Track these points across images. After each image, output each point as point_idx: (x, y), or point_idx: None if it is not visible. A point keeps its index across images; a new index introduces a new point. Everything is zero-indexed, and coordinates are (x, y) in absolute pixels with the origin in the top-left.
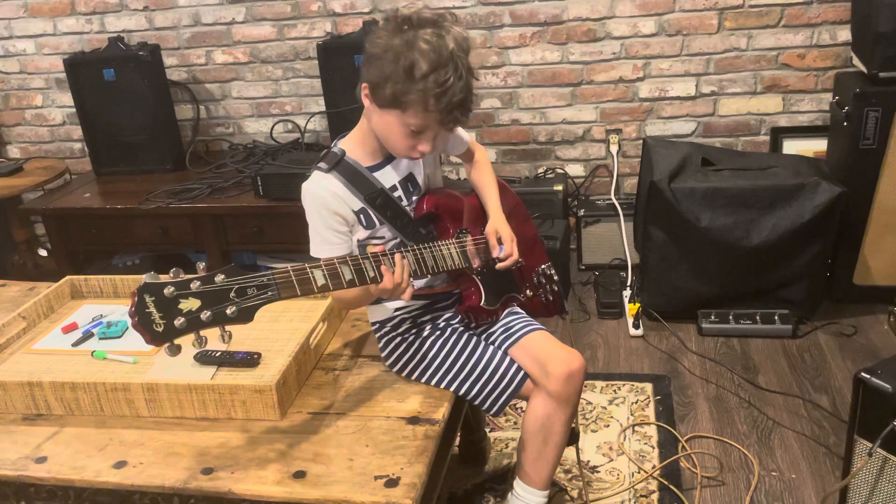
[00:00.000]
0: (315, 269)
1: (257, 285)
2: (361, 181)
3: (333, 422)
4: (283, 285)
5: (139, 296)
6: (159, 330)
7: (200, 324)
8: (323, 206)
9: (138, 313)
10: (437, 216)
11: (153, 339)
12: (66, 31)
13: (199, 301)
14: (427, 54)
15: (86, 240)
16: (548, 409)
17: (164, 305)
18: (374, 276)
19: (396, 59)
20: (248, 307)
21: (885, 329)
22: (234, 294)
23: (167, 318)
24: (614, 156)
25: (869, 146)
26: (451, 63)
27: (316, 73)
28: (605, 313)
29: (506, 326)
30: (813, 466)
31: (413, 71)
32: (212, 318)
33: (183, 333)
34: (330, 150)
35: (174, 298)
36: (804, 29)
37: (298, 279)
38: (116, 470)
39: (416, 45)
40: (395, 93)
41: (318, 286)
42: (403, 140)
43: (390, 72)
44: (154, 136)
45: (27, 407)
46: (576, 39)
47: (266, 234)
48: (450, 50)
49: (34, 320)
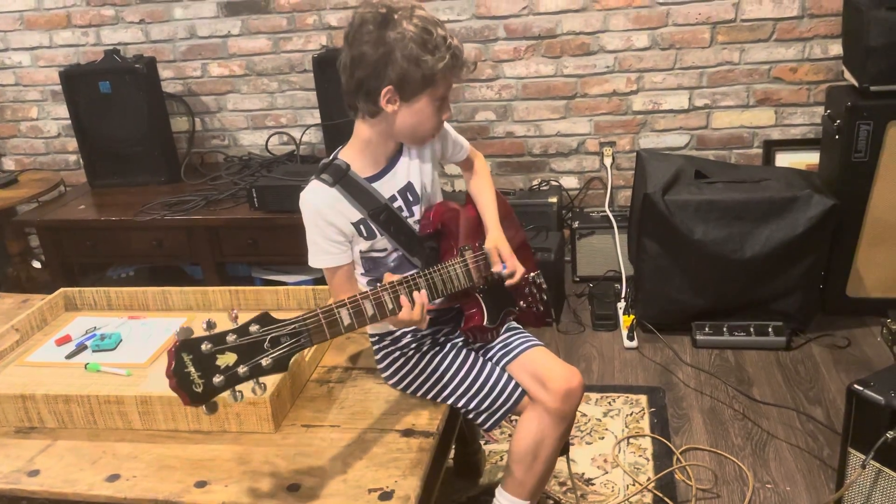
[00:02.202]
0: (340, 308)
1: (290, 333)
2: (364, 196)
3: (328, 434)
4: (314, 331)
5: (177, 357)
6: (199, 391)
7: (238, 379)
8: (320, 217)
9: (177, 374)
10: (441, 232)
11: (192, 401)
12: (62, 43)
13: (236, 355)
14: (423, 26)
15: (80, 252)
16: (542, 426)
17: (201, 363)
18: (394, 308)
19: (405, 48)
20: (282, 357)
21: (877, 341)
22: (267, 344)
23: (206, 376)
24: (608, 168)
25: (861, 159)
26: (436, 23)
27: (311, 86)
28: (599, 325)
29: (504, 343)
30: (807, 478)
31: (427, 45)
32: (248, 372)
33: (222, 391)
34: (333, 162)
35: (212, 355)
36: (796, 43)
37: (328, 322)
38: (109, 483)
39: (412, 25)
40: (425, 73)
41: (344, 326)
42: (434, 118)
43: (409, 58)
44: (149, 149)
45: (20, 420)
46: (570, 53)
47: (261, 247)
48: (426, 15)
49: (28, 332)
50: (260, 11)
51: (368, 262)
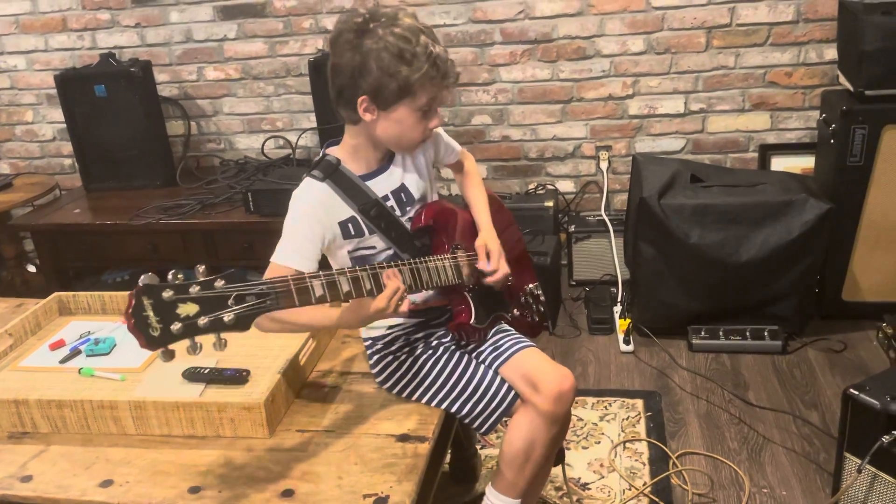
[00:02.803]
0: (314, 279)
1: (256, 293)
2: (356, 191)
3: (322, 439)
4: (281, 294)
5: (137, 298)
6: (155, 334)
7: (197, 330)
8: (308, 215)
9: (135, 316)
10: (434, 229)
11: (148, 343)
12: (57, 47)
13: (198, 306)
14: (402, 37)
15: (75, 256)
16: (534, 428)
17: (161, 309)
18: (371, 289)
19: (380, 58)
20: (246, 315)
21: (873, 345)
22: (232, 301)
23: (164, 322)
24: (604, 172)
25: (856, 163)
26: (420, 33)
27: (307, 90)
28: (595, 329)
29: (496, 344)
30: (804, 483)
31: (403, 55)
32: (209, 324)
33: (179, 339)
34: (324, 158)
35: (172, 302)
36: (791, 47)
37: (297, 288)
38: (103, 489)
39: (386, 37)
40: (400, 84)
41: (315, 297)
42: (417, 128)
43: (385, 69)
44: (145, 152)
45: (13, 425)
46: (566, 57)
47: (257, 250)
48: (409, 24)
49: (21, 337)
50: (256, 15)
51: (357, 262)
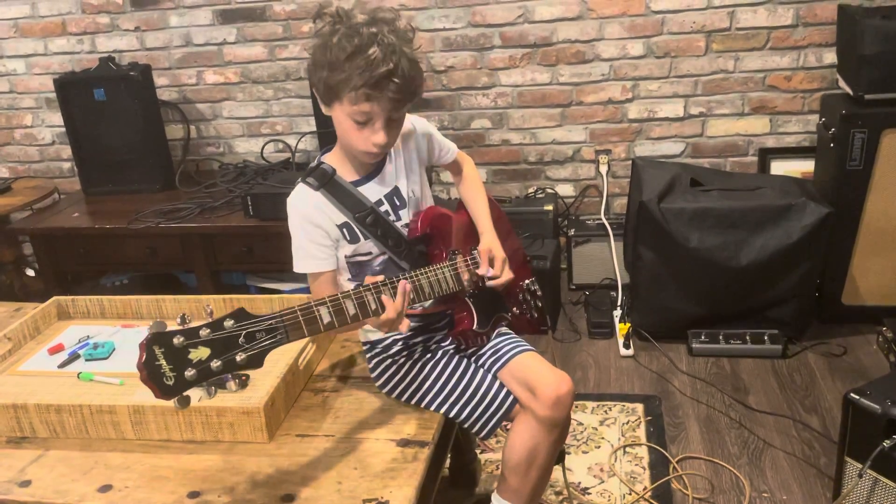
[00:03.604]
0: (320, 306)
1: (266, 329)
2: (350, 199)
3: (322, 444)
4: (291, 327)
5: (148, 349)
6: (170, 383)
7: (211, 373)
8: (307, 220)
9: (147, 367)
10: (430, 237)
11: (164, 393)
12: (57, 50)
13: (209, 349)
14: (348, 36)
15: (74, 260)
16: (534, 434)
17: (173, 357)
18: (377, 309)
19: (324, 52)
20: (258, 353)
21: (873, 349)
22: (243, 339)
23: (177, 370)
24: (604, 176)
25: (855, 167)
26: (374, 41)
27: (307, 94)
28: (595, 333)
29: (494, 348)
30: (804, 487)
31: (338, 55)
32: (222, 366)
33: (194, 385)
34: (318, 165)
35: (184, 348)
36: (790, 51)
37: (305, 319)
38: (101, 494)
39: (340, 33)
40: (327, 82)
41: (324, 325)
42: (354, 133)
43: (321, 64)
44: (144, 156)
45: (11, 430)
46: (565, 61)
47: (256, 254)
48: (373, 31)
49: (20, 341)
50: (255, 19)
51: (354, 267)
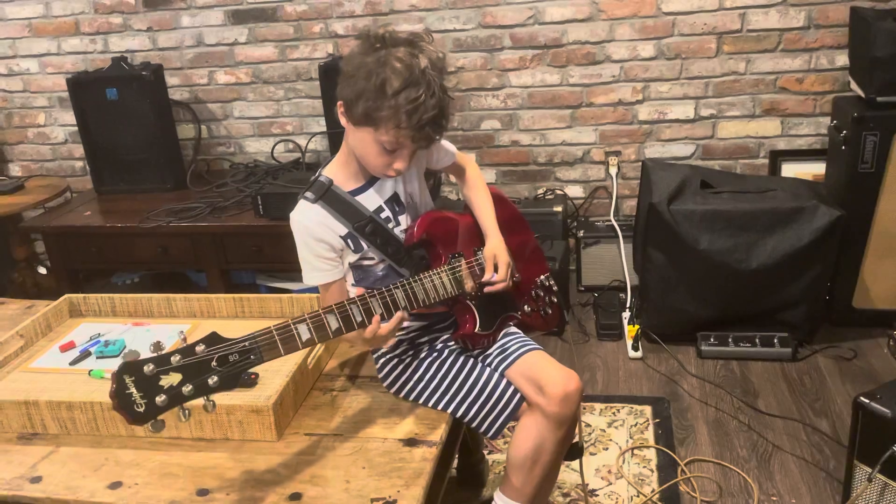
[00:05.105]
0: (299, 324)
1: (239, 351)
2: (349, 210)
3: (330, 443)
4: (265, 348)
5: (118, 378)
6: (140, 410)
7: (182, 398)
8: (309, 236)
9: (118, 396)
10: (429, 242)
11: (134, 420)
12: (70, 50)
13: (181, 374)
14: (399, 72)
15: (86, 258)
16: (541, 430)
17: (144, 384)
18: (363, 321)
19: (369, 77)
20: (231, 375)
21: (884, 353)
22: (215, 363)
23: (148, 396)
24: (613, 178)
25: (867, 170)
26: (423, 81)
27: (317, 94)
28: (604, 335)
29: (502, 347)
30: (813, 491)
31: (385, 88)
32: (193, 391)
33: (165, 410)
34: (317, 179)
35: (155, 376)
36: (802, 53)
37: (282, 338)
38: (111, 490)
39: (389, 62)
40: (367, 110)
41: (302, 342)
42: (378, 158)
43: (362, 89)
44: (155, 155)
45: (23, 426)
46: (575, 62)
47: (266, 254)
48: (422, 68)
49: (32, 339)
50: (267, 20)
51: (358, 272)
